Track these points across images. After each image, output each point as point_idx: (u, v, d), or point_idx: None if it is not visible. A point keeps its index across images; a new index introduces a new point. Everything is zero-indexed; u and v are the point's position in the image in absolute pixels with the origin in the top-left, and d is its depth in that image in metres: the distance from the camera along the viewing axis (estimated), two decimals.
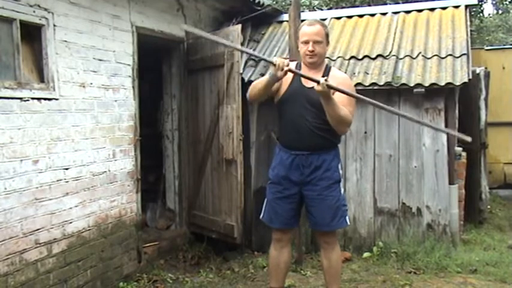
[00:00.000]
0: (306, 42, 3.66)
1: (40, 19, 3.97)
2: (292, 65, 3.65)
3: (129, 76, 5.01)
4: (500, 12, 19.47)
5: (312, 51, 3.65)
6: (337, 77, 3.72)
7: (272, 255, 3.97)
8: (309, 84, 3.60)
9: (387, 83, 5.51)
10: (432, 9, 6.54)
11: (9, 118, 3.70)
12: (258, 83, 3.69)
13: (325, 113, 3.54)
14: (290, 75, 3.63)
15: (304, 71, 3.72)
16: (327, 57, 5.99)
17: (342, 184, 3.82)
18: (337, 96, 3.52)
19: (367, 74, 5.68)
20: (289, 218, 3.83)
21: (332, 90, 3.45)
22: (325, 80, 3.36)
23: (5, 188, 3.67)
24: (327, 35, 3.77)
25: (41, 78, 4.05)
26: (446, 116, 5.53)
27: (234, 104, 5.40)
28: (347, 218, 3.81)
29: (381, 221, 5.75)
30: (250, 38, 6.67)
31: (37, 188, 3.94)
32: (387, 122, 5.69)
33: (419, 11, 6.58)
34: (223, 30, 5.72)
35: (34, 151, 3.91)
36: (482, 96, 7.27)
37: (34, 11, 3.90)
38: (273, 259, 3.96)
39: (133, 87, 5.06)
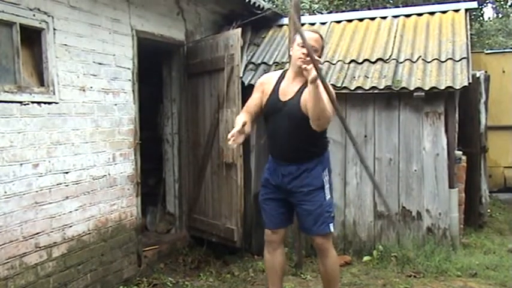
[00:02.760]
0: (303, 46, 3.51)
1: (40, 23, 3.97)
2: (276, 75, 3.79)
3: (129, 80, 5.01)
4: (500, 16, 19.45)
5: (306, 55, 3.51)
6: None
7: (266, 259, 4.00)
8: (285, 97, 3.63)
9: (387, 87, 5.51)
10: (432, 13, 6.55)
11: (9, 122, 3.70)
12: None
13: (298, 128, 3.53)
14: (270, 87, 3.72)
15: (286, 79, 3.70)
16: (327, 61, 6.04)
17: (328, 190, 3.74)
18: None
19: (367, 77, 5.68)
20: (276, 218, 3.86)
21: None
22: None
23: (5, 192, 3.67)
24: (323, 48, 3.77)
25: (41, 82, 4.05)
26: (446, 119, 5.53)
27: (234, 107, 5.40)
28: (331, 224, 3.73)
29: (381, 225, 5.75)
30: (250, 42, 6.68)
31: (37, 191, 3.94)
32: (387, 125, 5.69)
33: (420, 14, 6.58)
34: (223, 34, 5.72)
35: (34, 155, 3.91)
36: (482, 100, 7.27)
37: (34, 15, 3.91)
38: (267, 262, 3.99)
39: (133, 91, 5.06)
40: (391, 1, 12.14)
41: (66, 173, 4.23)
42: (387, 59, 5.89)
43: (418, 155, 5.62)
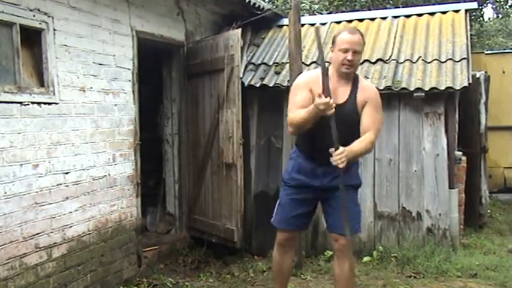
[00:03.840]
0: (346, 51, 3.44)
1: (40, 23, 3.97)
2: (318, 74, 3.50)
3: (129, 80, 5.01)
4: (500, 16, 19.45)
5: (351, 60, 3.45)
6: (367, 91, 3.58)
7: (275, 260, 3.91)
8: (338, 100, 3.45)
9: (387, 87, 5.51)
10: (432, 14, 6.55)
11: (9, 122, 3.70)
12: (300, 118, 3.44)
13: (353, 130, 3.49)
14: (318, 87, 3.36)
15: (332, 81, 3.51)
16: (327, 62, 6.01)
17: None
18: (368, 117, 3.49)
19: (367, 78, 5.67)
20: (296, 220, 3.73)
21: (362, 105, 3.47)
22: (340, 164, 3.26)
23: (5, 192, 3.67)
24: (364, 44, 3.64)
25: (41, 83, 4.05)
26: (446, 120, 5.53)
27: (234, 108, 5.40)
28: (359, 224, 3.76)
29: (381, 225, 5.75)
30: (250, 42, 6.68)
31: (37, 192, 3.94)
32: (387, 126, 5.68)
33: (419, 15, 6.58)
34: (223, 35, 5.72)
35: (34, 155, 3.91)
36: (482, 101, 7.27)
37: (34, 15, 3.91)
38: (276, 264, 3.91)
39: (133, 91, 5.06)
40: (391, 2, 12.13)
41: (66, 173, 4.23)
42: (387, 60, 5.89)
43: (418, 156, 5.62)
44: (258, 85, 5.96)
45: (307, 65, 5.95)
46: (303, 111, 3.39)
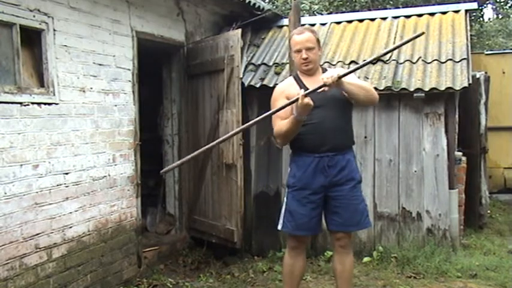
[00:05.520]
0: (299, 51, 3.67)
1: (40, 24, 3.97)
2: (290, 80, 3.83)
3: (129, 81, 5.02)
4: (500, 17, 19.45)
5: (306, 58, 3.66)
6: (337, 71, 3.72)
7: (287, 263, 3.91)
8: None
9: (387, 88, 5.51)
10: (432, 14, 6.55)
11: (9, 123, 3.70)
12: (286, 130, 3.61)
13: (344, 110, 3.69)
14: (295, 89, 3.63)
15: (304, 78, 3.75)
16: (327, 62, 6.04)
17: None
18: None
19: (367, 78, 5.68)
20: (313, 223, 3.75)
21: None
22: (327, 79, 3.34)
23: (5, 193, 3.67)
24: (318, 40, 3.76)
25: (41, 83, 4.05)
26: (446, 120, 5.53)
27: (234, 108, 5.40)
28: (368, 218, 3.85)
29: (381, 226, 5.75)
30: (250, 43, 6.69)
31: (37, 192, 3.94)
32: (387, 126, 5.70)
33: (419, 15, 6.58)
34: (223, 35, 5.72)
35: (34, 156, 3.91)
36: (482, 101, 7.26)
37: (34, 16, 3.91)
38: (288, 266, 3.91)
39: (133, 91, 5.06)
40: (391, 2, 12.13)
41: (66, 173, 4.23)
42: (387, 60, 5.89)
43: (418, 156, 5.62)
44: (258, 85, 5.96)
45: None
46: (286, 121, 3.58)
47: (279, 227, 3.87)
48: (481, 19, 14.14)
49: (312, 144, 3.66)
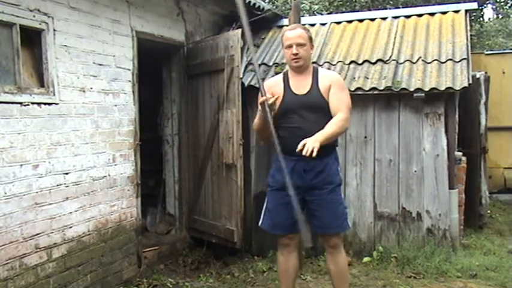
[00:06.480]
0: (290, 47, 3.68)
1: (40, 24, 3.97)
2: (279, 77, 3.89)
3: (129, 81, 5.02)
4: (500, 16, 19.45)
5: (296, 54, 3.66)
6: (329, 76, 3.79)
7: (280, 261, 3.94)
8: (301, 91, 3.71)
9: (387, 88, 5.51)
10: (432, 14, 6.55)
11: (9, 123, 3.70)
12: (255, 123, 3.91)
13: (323, 117, 3.63)
14: (279, 87, 3.78)
15: (291, 77, 3.78)
16: (327, 62, 6.04)
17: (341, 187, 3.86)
18: (335, 98, 3.66)
19: (367, 78, 5.68)
20: (289, 224, 3.74)
21: (327, 91, 3.65)
22: (306, 152, 3.35)
23: (5, 193, 3.67)
24: (310, 38, 3.77)
25: (41, 83, 4.05)
26: (446, 120, 5.53)
27: (234, 108, 5.40)
28: (349, 220, 3.85)
29: (381, 226, 5.75)
30: None
31: (37, 192, 3.94)
32: (387, 126, 5.69)
33: (420, 15, 6.58)
34: (223, 35, 5.72)
35: (34, 156, 3.91)
36: (482, 101, 7.26)
37: (34, 16, 3.91)
38: (281, 265, 3.93)
39: (133, 91, 5.06)
40: (391, 2, 12.13)
41: (66, 173, 4.23)
42: (387, 60, 5.89)
43: (418, 156, 5.62)
44: (258, 85, 5.94)
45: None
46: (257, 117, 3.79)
47: (259, 223, 3.95)
48: (481, 19, 14.14)
49: (289, 147, 3.60)
